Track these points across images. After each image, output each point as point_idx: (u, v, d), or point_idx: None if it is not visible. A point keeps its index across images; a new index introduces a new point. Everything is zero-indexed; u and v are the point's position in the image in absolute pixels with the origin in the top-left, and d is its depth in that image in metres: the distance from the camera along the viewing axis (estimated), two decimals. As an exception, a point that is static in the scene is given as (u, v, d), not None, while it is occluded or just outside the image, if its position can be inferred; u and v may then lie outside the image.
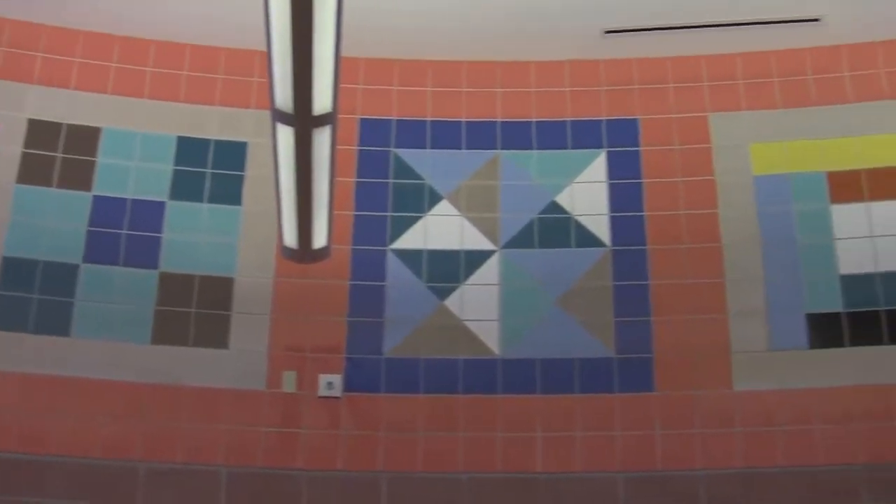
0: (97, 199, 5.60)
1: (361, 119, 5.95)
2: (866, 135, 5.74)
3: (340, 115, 5.76)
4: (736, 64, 5.99)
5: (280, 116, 3.82)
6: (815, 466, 5.11)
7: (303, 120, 3.81)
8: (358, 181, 5.81)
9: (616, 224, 5.68)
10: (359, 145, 5.88)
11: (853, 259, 5.50)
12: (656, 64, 6.02)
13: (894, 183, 5.61)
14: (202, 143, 5.80)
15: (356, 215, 5.73)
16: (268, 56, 3.51)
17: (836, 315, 5.40)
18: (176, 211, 5.64)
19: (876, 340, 5.33)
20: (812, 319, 5.41)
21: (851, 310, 5.40)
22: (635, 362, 5.40)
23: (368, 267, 5.62)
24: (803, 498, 5.04)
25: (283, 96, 3.70)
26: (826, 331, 5.38)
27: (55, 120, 5.72)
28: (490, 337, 5.48)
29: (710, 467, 5.16)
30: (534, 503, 5.14)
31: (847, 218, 5.58)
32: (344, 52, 5.72)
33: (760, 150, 5.79)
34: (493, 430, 5.30)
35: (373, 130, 5.92)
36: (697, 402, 5.30)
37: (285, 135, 3.96)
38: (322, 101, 3.76)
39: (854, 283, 5.45)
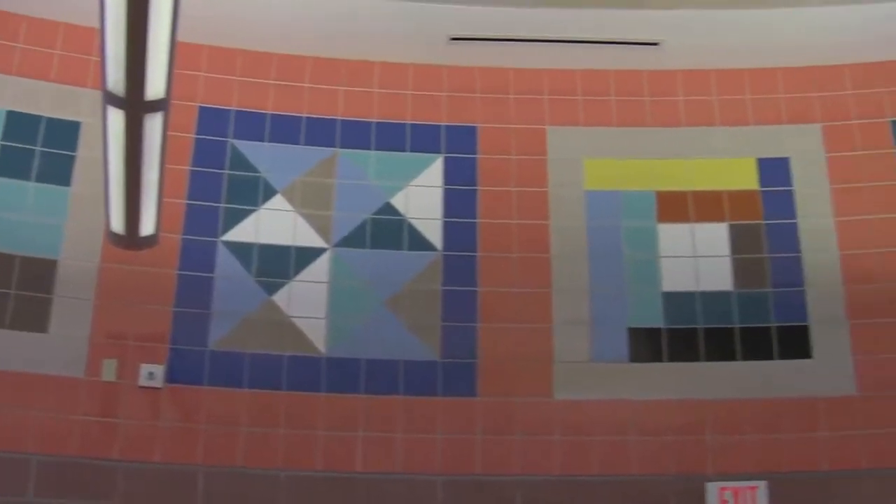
0: (-84, 170, 5.56)
1: (201, 107, 6.05)
2: (696, 158, 6.16)
3: (179, 102, 5.78)
4: (576, 80, 6.33)
5: (111, 99, 3.83)
6: (628, 476, 5.46)
7: (134, 104, 3.83)
8: (192, 170, 5.91)
9: (449, 229, 5.94)
10: (196, 133, 5.98)
11: (676, 277, 5.89)
12: (499, 74, 6.31)
13: (719, 206, 6.04)
14: (33, 120, 5.79)
15: (188, 204, 5.83)
16: (101, 36, 3.52)
17: (657, 330, 5.79)
18: (1, 188, 5.63)
19: (693, 357, 5.73)
20: (634, 333, 5.78)
21: (672, 326, 5.80)
22: (459, 367, 5.66)
23: (198, 257, 5.73)
24: (616, 506, 5.36)
25: (115, 79, 3.70)
26: (646, 345, 5.76)
27: None
28: (316, 335, 5.66)
29: (527, 473, 5.45)
30: (352, 503, 5.34)
31: (672, 237, 5.98)
32: (187, 39, 5.79)
33: (594, 165, 6.14)
34: (314, 427, 5.48)
35: (211, 119, 6.02)
36: (518, 409, 5.59)
37: (116, 118, 3.97)
38: (155, 86, 3.80)
39: (675, 301, 5.85)
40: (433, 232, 5.93)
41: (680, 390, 5.66)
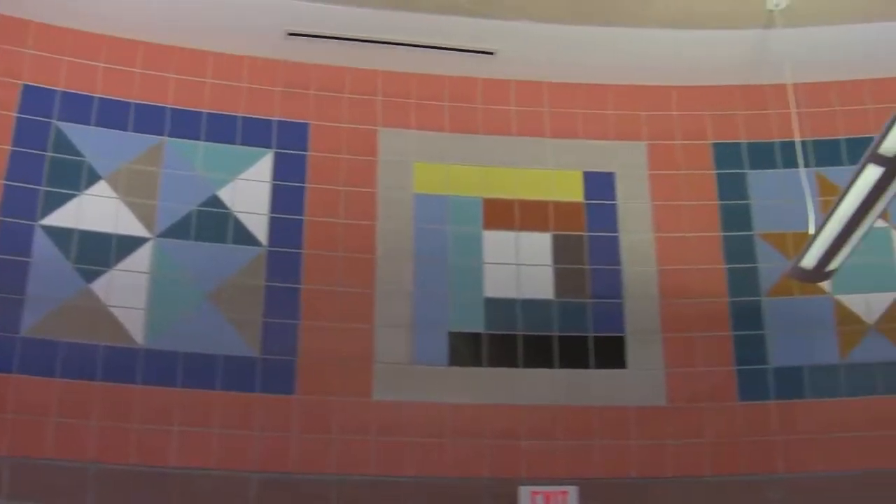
0: None
1: (25, 85, 5.95)
2: (524, 168, 6.39)
3: (2, 79, 5.78)
4: (411, 83, 6.48)
5: (-77, 73, 3.86)
6: (443, 477, 5.63)
7: (-52, 79, 3.88)
8: (13, 150, 5.80)
9: (275, 225, 6.00)
10: (18, 112, 5.88)
11: (498, 283, 6.10)
12: (334, 72, 6.40)
13: (544, 216, 6.28)
14: None
15: (6, 185, 5.73)
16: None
17: (478, 335, 5.99)
18: None
19: (512, 363, 5.95)
20: (454, 337, 5.96)
21: (492, 332, 6.00)
22: (279, 364, 5.73)
23: (13, 240, 5.63)
24: (431, 508, 5.52)
25: (-71, 53, 3.75)
26: (466, 349, 5.95)
27: None
28: (134, 325, 5.64)
29: (343, 472, 5.57)
30: (164, 497, 5.34)
31: (497, 244, 6.19)
32: (13, 13, 5.80)
33: (424, 169, 6.31)
34: (128, 420, 5.47)
35: (36, 99, 5.93)
36: (336, 409, 5.70)
37: (-72, 93, 3.99)
38: (-29, 62, 3.83)
39: (497, 307, 6.06)
40: (259, 227, 5.98)
41: (497, 395, 5.87)
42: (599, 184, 6.40)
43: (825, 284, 6.09)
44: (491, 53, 6.30)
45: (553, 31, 6.12)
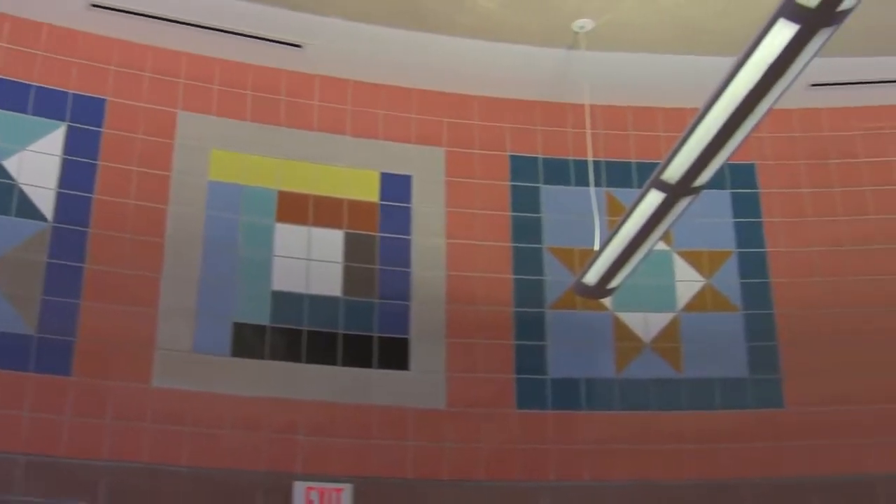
0: None
1: None
2: (322, 164, 6.59)
3: None
4: (215, 69, 6.57)
5: None
6: (217, 469, 5.75)
7: None
8: None
9: (62, 200, 5.97)
10: None
11: (287, 277, 6.28)
12: (137, 49, 6.42)
13: (338, 213, 6.49)
14: None
15: None
16: None
17: (262, 328, 6.15)
18: None
19: (295, 357, 6.14)
20: (238, 328, 6.10)
21: (277, 325, 6.17)
22: (56, 344, 5.71)
23: None
24: (202, 498, 5.65)
25: None
26: (250, 341, 6.09)
27: None
28: None
29: (115, 459, 5.60)
30: None
31: (288, 237, 6.37)
32: None
33: (220, 156, 6.42)
34: None
35: None
36: (113, 393, 5.73)
37: None
38: None
39: (284, 300, 6.23)
40: (45, 201, 5.93)
41: (278, 388, 6.03)
42: (396, 185, 6.66)
43: (607, 301, 6.50)
44: (298, 46, 6.44)
45: (363, 30, 6.31)
